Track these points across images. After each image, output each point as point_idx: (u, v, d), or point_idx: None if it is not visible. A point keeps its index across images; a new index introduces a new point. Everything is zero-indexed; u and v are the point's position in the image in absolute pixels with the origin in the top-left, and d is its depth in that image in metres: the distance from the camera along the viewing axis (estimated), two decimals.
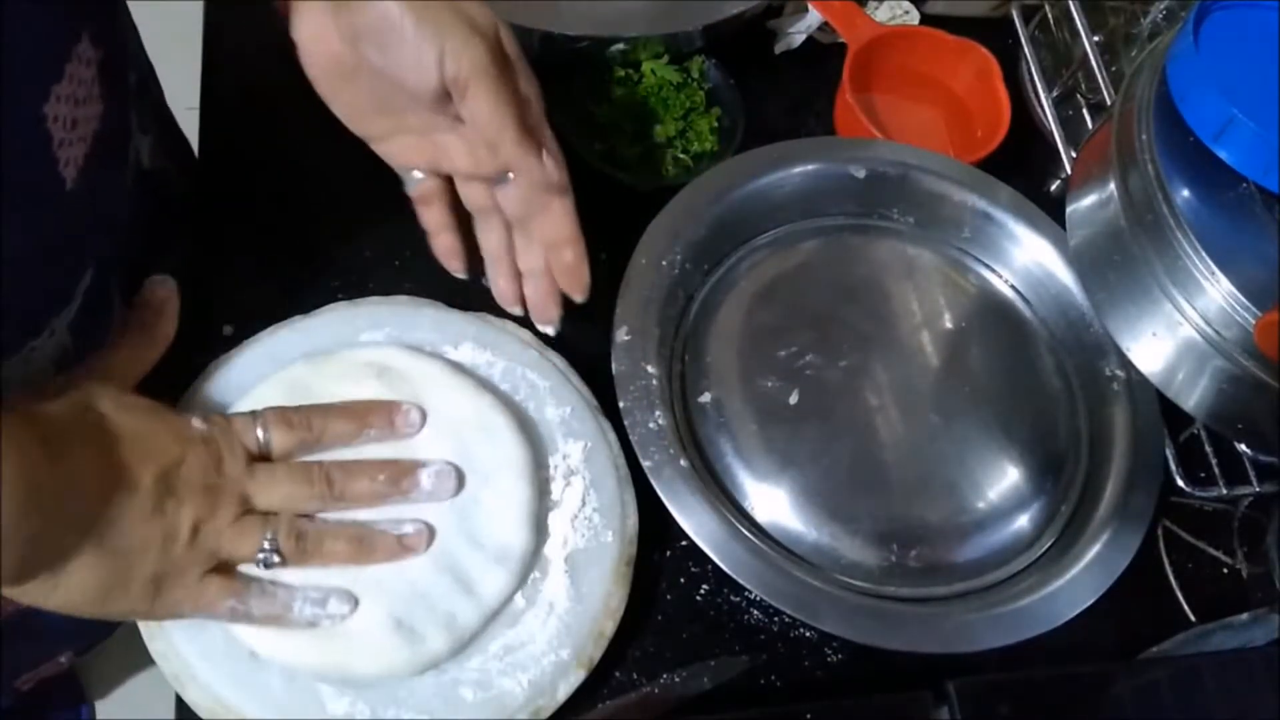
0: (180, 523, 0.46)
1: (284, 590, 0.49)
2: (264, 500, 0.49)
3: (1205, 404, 0.60)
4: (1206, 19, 0.59)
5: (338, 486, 0.50)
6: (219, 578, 0.48)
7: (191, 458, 0.47)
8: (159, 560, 0.46)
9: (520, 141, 0.52)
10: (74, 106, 0.46)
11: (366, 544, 0.51)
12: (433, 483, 0.52)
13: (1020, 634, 0.56)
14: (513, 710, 0.52)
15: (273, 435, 0.50)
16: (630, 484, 0.58)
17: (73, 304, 0.52)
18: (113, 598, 0.45)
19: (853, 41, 0.76)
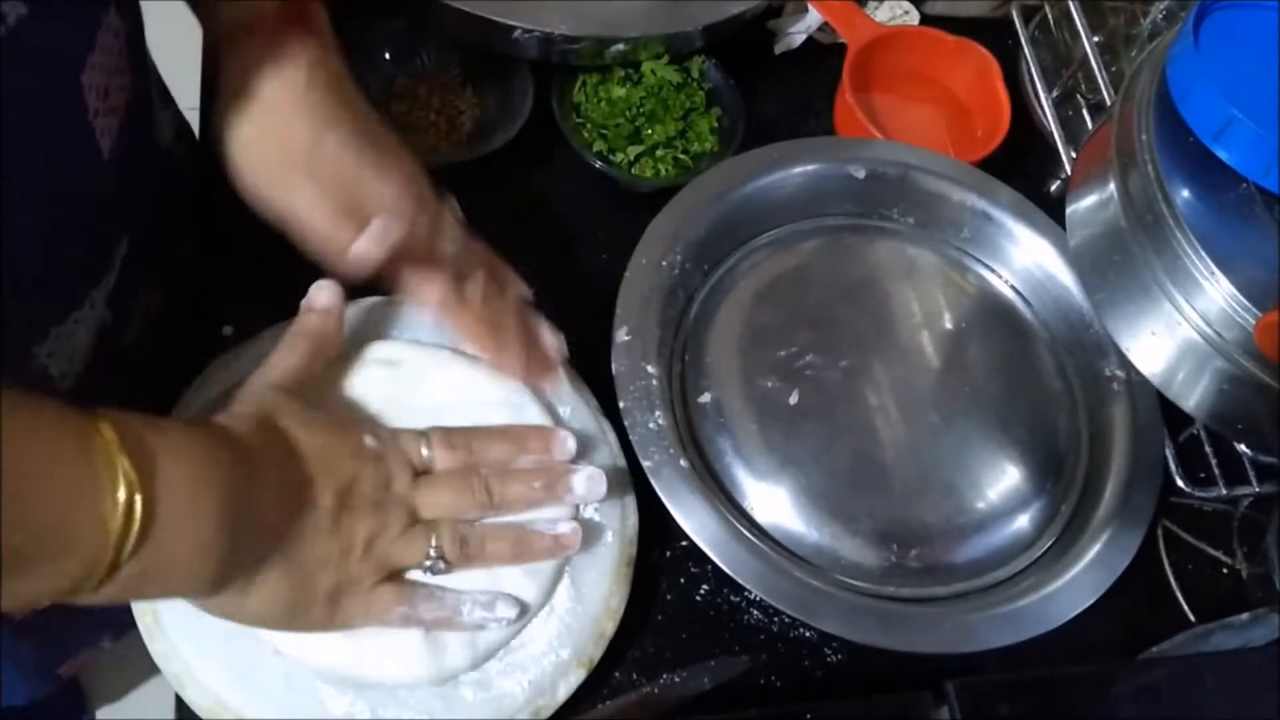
0: (356, 536, 0.47)
1: (452, 595, 0.50)
2: (429, 511, 0.50)
3: (1205, 404, 0.60)
4: (1206, 19, 0.59)
5: (497, 494, 0.51)
6: (390, 586, 0.49)
7: (365, 474, 0.48)
8: (337, 573, 0.47)
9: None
10: (106, 76, 0.47)
11: (525, 544, 0.52)
12: (585, 486, 0.53)
13: (1020, 634, 0.56)
14: (513, 710, 0.52)
15: (436, 455, 0.51)
16: (630, 484, 0.58)
17: (111, 274, 0.53)
18: (299, 610, 0.46)
19: (853, 41, 0.76)
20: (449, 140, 0.72)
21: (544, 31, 0.67)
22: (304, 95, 0.50)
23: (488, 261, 0.58)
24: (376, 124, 0.53)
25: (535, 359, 0.57)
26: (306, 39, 0.50)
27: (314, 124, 0.50)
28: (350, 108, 0.52)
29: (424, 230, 0.53)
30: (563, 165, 0.72)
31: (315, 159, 0.50)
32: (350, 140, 0.51)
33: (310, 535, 0.46)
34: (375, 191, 0.51)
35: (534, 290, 0.67)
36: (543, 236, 0.71)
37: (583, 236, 0.71)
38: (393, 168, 0.52)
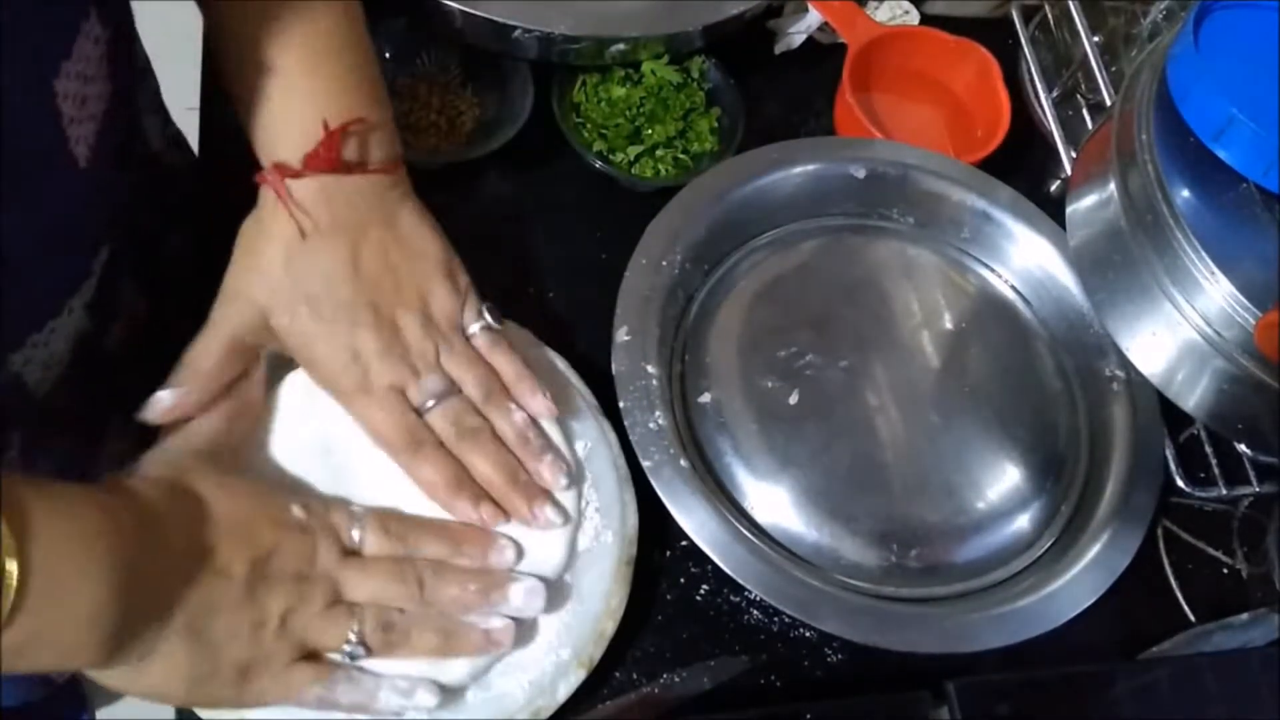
0: (270, 611, 0.46)
1: (370, 679, 0.48)
2: (354, 594, 0.48)
3: (1205, 404, 0.60)
4: (1206, 19, 0.59)
5: (428, 590, 0.49)
6: (306, 665, 0.47)
7: (286, 546, 0.47)
8: (248, 648, 0.45)
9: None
10: (83, 84, 0.46)
11: (454, 637, 0.49)
12: (522, 600, 0.51)
13: (1020, 634, 0.56)
14: (513, 710, 0.52)
15: (367, 538, 0.50)
16: (630, 484, 0.58)
17: (89, 282, 0.52)
18: (200, 685, 0.44)
19: (853, 41, 0.76)
20: (449, 140, 0.72)
21: (544, 31, 0.67)
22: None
23: (493, 371, 0.54)
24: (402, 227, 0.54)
25: (517, 489, 0.52)
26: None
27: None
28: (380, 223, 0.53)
29: (404, 341, 0.52)
30: (563, 165, 0.72)
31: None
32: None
33: (218, 606, 0.44)
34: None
35: (534, 290, 0.68)
36: (543, 236, 0.71)
37: (583, 236, 0.71)
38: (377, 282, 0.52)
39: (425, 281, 0.54)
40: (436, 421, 0.52)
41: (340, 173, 0.51)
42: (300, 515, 0.48)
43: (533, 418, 0.54)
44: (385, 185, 0.53)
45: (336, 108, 0.51)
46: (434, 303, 0.54)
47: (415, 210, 0.55)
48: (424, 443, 0.52)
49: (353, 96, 0.52)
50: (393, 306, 0.52)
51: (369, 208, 0.52)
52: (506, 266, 0.68)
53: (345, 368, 0.51)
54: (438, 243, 0.55)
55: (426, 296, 0.54)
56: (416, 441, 0.52)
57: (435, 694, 0.49)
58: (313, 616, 0.47)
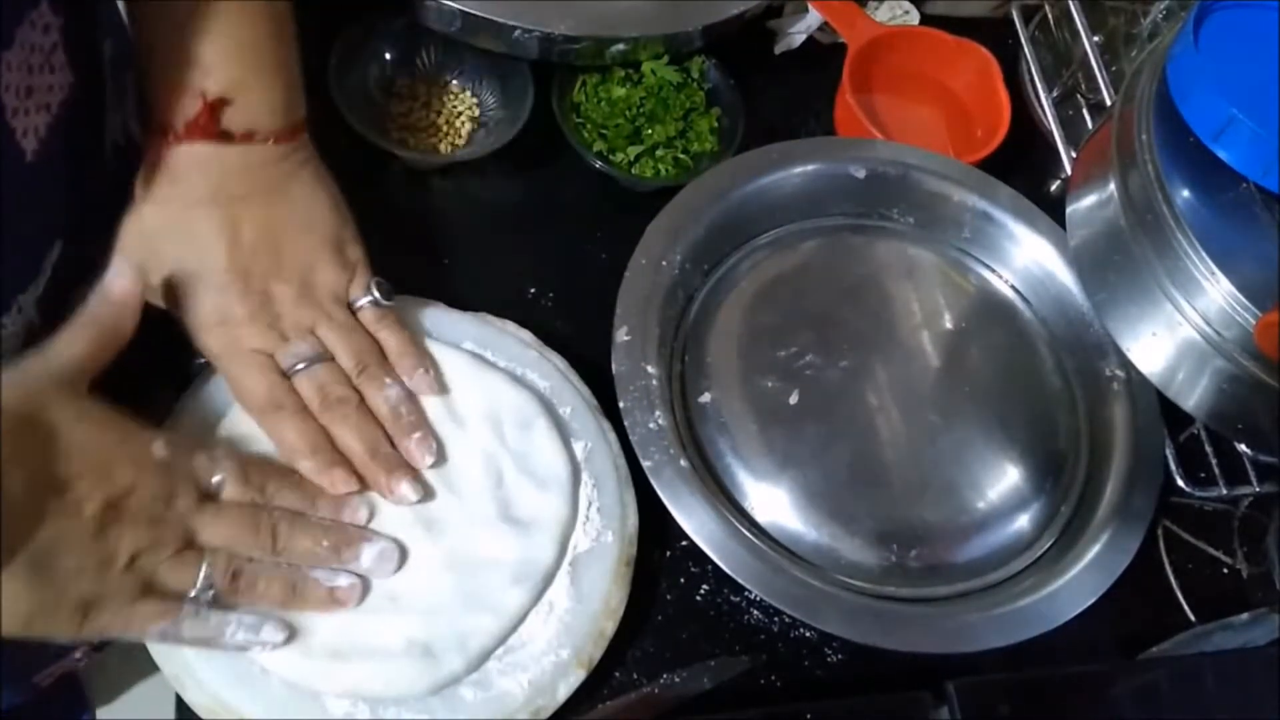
0: (119, 550, 0.45)
1: (217, 615, 0.48)
2: (207, 538, 0.48)
3: (1205, 404, 0.60)
4: (1206, 19, 0.59)
5: (281, 541, 0.49)
6: (152, 602, 0.46)
7: (143, 487, 0.46)
8: (92, 585, 0.44)
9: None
10: (28, 74, 0.45)
11: (299, 592, 0.50)
12: (373, 560, 0.51)
13: (1020, 634, 0.56)
14: (513, 710, 0.52)
15: (227, 484, 0.50)
16: (630, 484, 0.58)
17: (40, 278, 0.51)
18: (38, 619, 0.43)
19: (853, 41, 0.76)
20: (449, 140, 0.72)
21: (544, 31, 0.67)
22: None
23: (374, 344, 0.55)
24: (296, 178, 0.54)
25: (377, 461, 0.52)
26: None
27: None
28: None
29: (267, 304, 0.52)
30: (563, 165, 0.72)
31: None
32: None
33: (66, 543, 0.43)
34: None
35: (534, 290, 0.68)
36: (543, 236, 0.71)
37: (583, 236, 0.71)
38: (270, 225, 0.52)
39: (309, 254, 0.54)
40: (303, 387, 0.53)
41: (221, 142, 0.51)
42: (161, 454, 0.47)
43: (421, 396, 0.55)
44: (275, 156, 0.53)
45: (226, 77, 0.50)
46: (316, 276, 0.54)
47: (309, 181, 0.54)
48: (285, 406, 0.52)
49: (243, 61, 0.51)
50: (267, 277, 0.53)
51: (254, 178, 0.52)
52: (506, 266, 0.68)
53: (212, 330, 0.52)
54: (328, 215, 0.55)
55: (309, 270, 0.54)
56: (277, 403, 0.52)
57: (283, 629, 0.49)
58: (163, 560, 0.47)
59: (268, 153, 0.52)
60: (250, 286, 0.52)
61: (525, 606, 0.53)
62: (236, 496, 0.50)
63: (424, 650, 0.50)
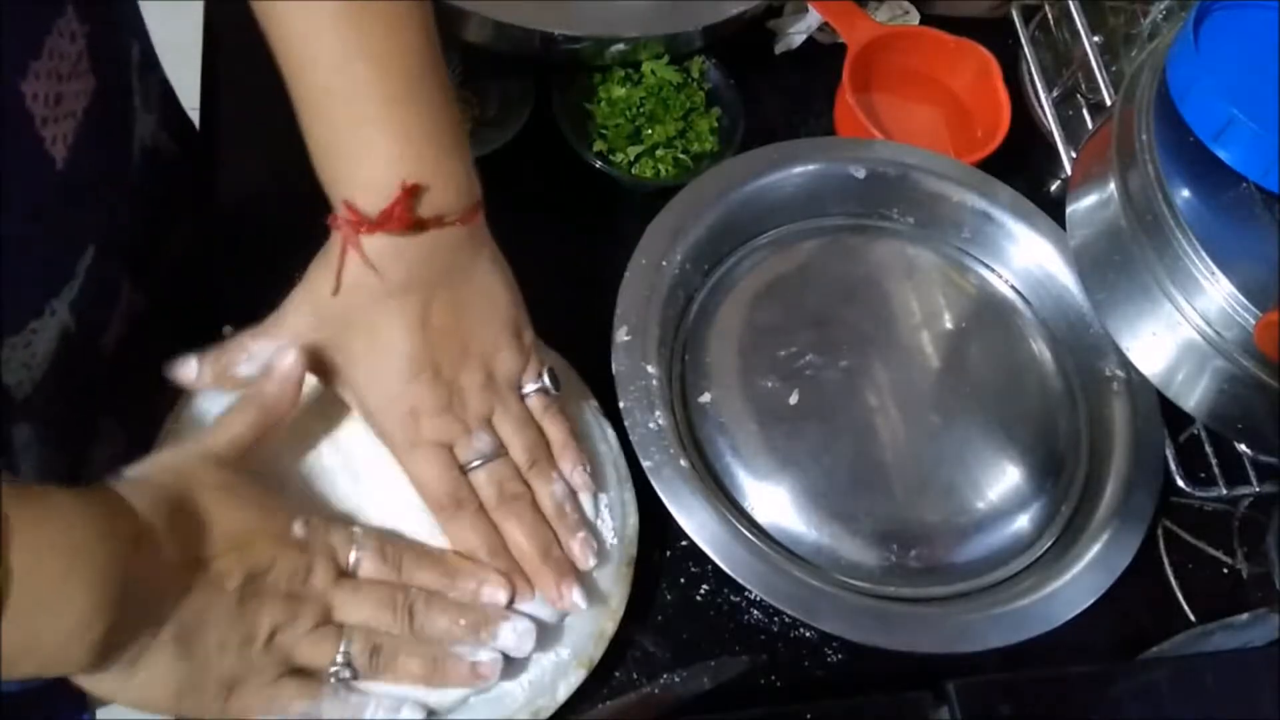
0: (260, 626, 0.45)
1: (356, 696, 0.48)
2: (344, 615, 0.48)
3: (1205, 404, 0.60)
4: (1206, 19, 0.59)
5: (418, 619, 0.49)
6: (294, 681, 0.47)
7: (282, 563, 0.46)
8: (235, 662, 0.45)
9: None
10: (57, 82, 0.45)
11: (440, 667, 0.49)
12: (514, 641, 0.50)
13: (1020, 634, 0.56)
14: (513, 710, 0.51)
15: (364, 562, 0.49)
16: (630, 484, 0.58)
17: (74, 283, 0.51)
18: (186, 696, 0.44)
19: (853, 42, 0.76)
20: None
21: (544, 31, 0.67)
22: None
23: (542, 437, 0.54)
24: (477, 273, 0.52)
25: (549, 565, 0.52)
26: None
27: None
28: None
29: (455, 394, 0.51)
30: (563, 165, 0.72)
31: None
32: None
33: (209, 619, 0.44)
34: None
35: (534, 290, 0.68)
36: (543, 236, 0.71)
37: (583, 236, 0.71)
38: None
39: (492, 341, 0.53)
40: (481, 482, 0.52)
41: (416, 231, 0.48)
42: (300, 533, 0.48)
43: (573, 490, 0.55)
44: (462, 238, 0.51)
45: (416, 157, 0.48)
46: (497, 363, 0.53)
47: (490, 263, 0.53)
48: (465, 504, 0.52)
49: (434, 140, 0.48)
50: (456, 367, 0.52)
51: (443, 264, 0.51)
52: None
53: (400, 422, 0.51)
54: (509, 299, 0.54)
55: (491, 356, 0.53)
56: (458, 501, 0.52)
57: (421, 711, 0.49)
58: (302, 635, 0.47)
59: (454, 236, 0.50)
60: (439, 377, 0.51)
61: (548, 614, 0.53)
62: (374, 574, 0.50)
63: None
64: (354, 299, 0.50)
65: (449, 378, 0.51)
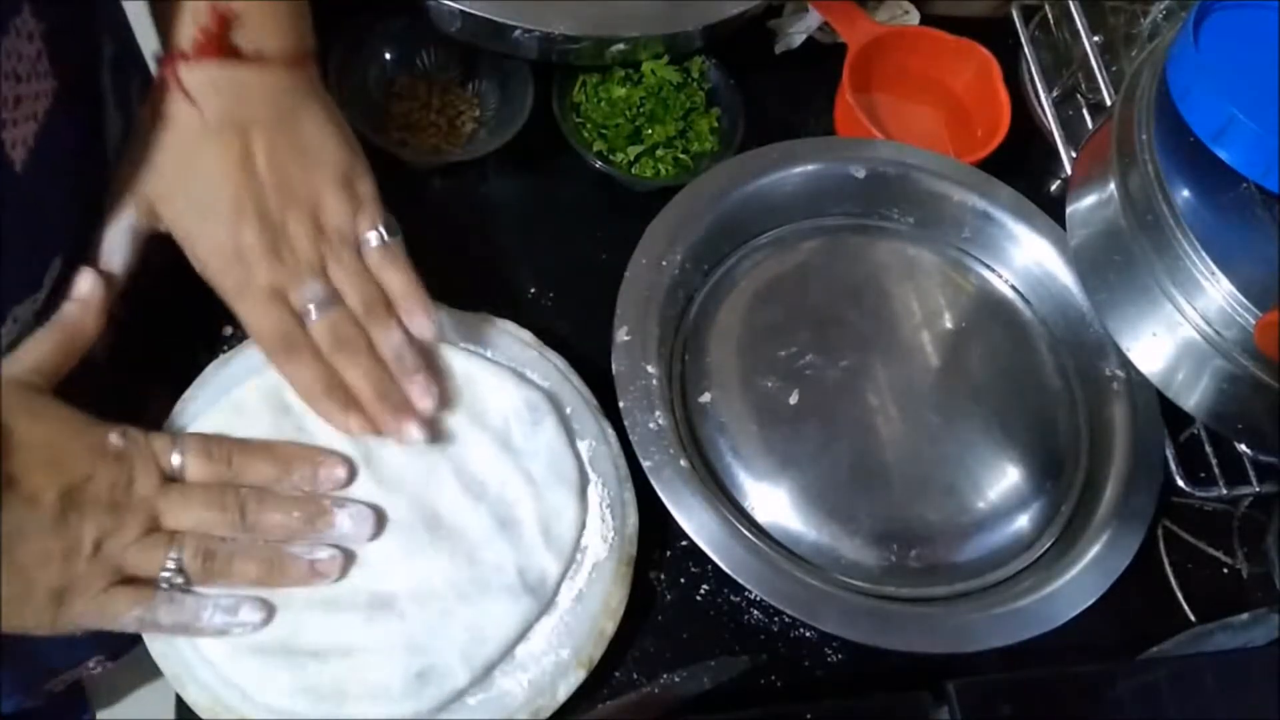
0: (83, 537, 0.46)
1: (193, 599, 0.48)
2: (173, 521, 0.48)
3: (1205, 404, 0.60)
4: (1206, 19, 0.59)
5: (250, 517, 0.49)
6: (126, 588, 0.47)
7: (101, 474, 0.46)
8: (60, 574, 0.45)
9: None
10: (15, 84, 0.44)
11: (278, 567, 0.50)
12: (351, 526, 0.51)
13: (1020, 634, 0.56)
14: (513, 710, 0.52)
15: (189, 463, 0.50)
16: (630, 484, 0.58)
17: (39, 293, 0.51)
18: (12, 610, 0.44)
19: (853, 41, 0.76)
20: (449, 140, 0.72)
21: (544, 31, 0.67)
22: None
23: (379, 289, 0.54)
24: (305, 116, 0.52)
25: (384, 404, 0.53)
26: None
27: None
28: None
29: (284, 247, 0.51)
30: (563, 165, 0.72)
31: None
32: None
33: (25, 533, 0.44)
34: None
35: (534, 290, 0.68)
36: (543, 236, 0.71)
37: (583, 236, 0.71)
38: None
39: (319, 189, 0.53)
40: (315, 328, 0.52)
41: (231, 60, 0.50)
42: (117, 442, 0.48)
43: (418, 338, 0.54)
44: (285, 81, 0.52)
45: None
46: (325, 212, 0.53)
47: (318, 112, 0.53)
48: (299, 346, 0.52)
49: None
50: (281, 210, 0.51)
51: (263, 103, 0.51)
52: (506, 266, 0.69)
53: (228, 266, 0.51)
54: (338, 148, 0.54)
55: (318, 204, 0.53)
56: (291, 344, 0.52)
57: (260, 610, 0.49)
58: (129, 544, 0.47)
59: (277, 78, 0.51)
60: (266, 220, 0.51)
61: (535, 614, 0.53)
62: (201, 476, 0.50)
63: (426, 678, 0.50)
64: (174, 138, 0.50)
65: (276, 222, 0.51)
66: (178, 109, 0.50)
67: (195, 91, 0.50)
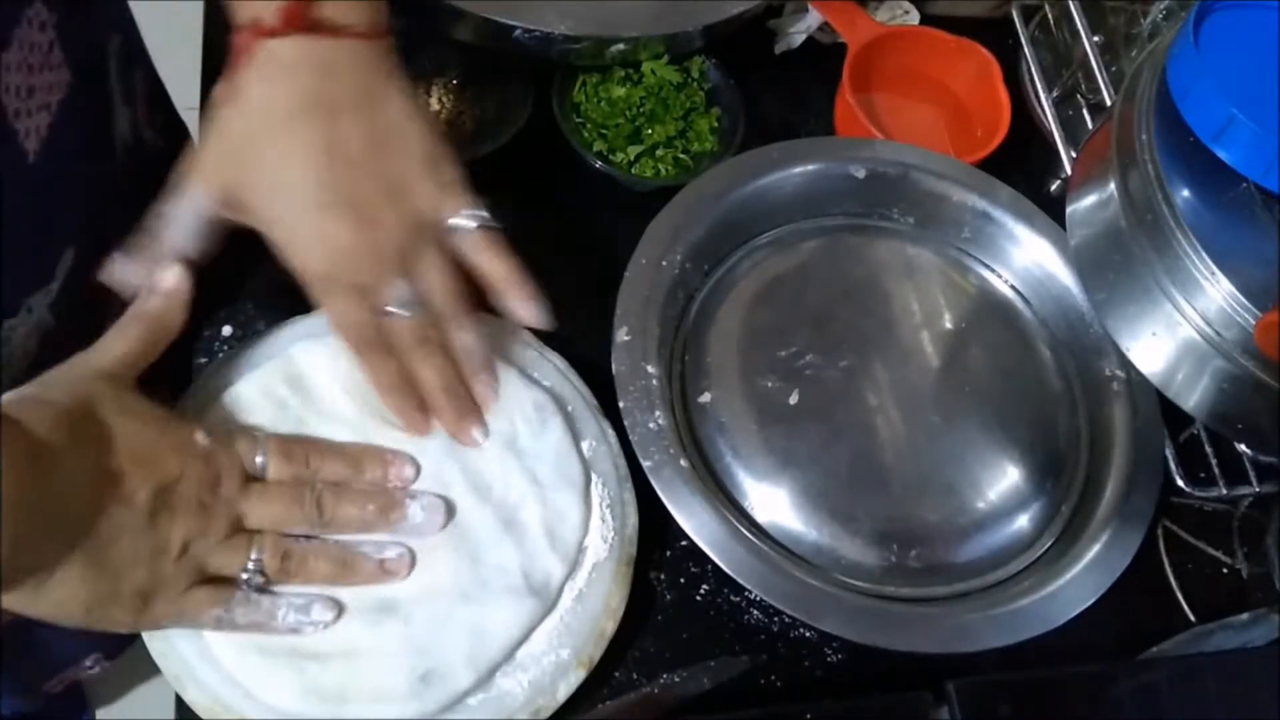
0: (172, 538, 0.46)
1: (268, 598, 0.49)
2: (255, 520, 0.49)
3: (1205, 404, 0.60)
4: (1206, 19, 0.59)
5: (328, 512, 0.50)
6: (205, 588, 0.48)
7: (190, 474, 0.46)
8: (147, 574, 0.45)
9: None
10: (28, 74, 0.44)
11: (349, 566, 0.50)
12: (423, 516, 0.52)
13: (1020, 634, 0.56)
14: (513, 710, 0.51)
15: (270, 463, 0.50)
16: (630, 484, 0.58)
17: (52, 284, 0.51)
18: (100, 609, 0.44)
19: (853, 41, 0.76)
20: (449, 140, 0.72)
21: (544, 31, 0.67)
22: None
23: (454, 284, 0.53)
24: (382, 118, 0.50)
25: (451, 403, 0.53)
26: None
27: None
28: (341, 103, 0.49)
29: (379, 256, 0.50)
30: (563, 165, 0.72)
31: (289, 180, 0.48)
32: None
33: (119, 532, 0.44)
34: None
35: (533, 290, 0.68)
36: (543, 236, 0.70)
37: (583, 236, 0.71)
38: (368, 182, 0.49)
39: (407, 175, 0.51)
40: (395, 322, 0.52)
41: (315, 34, 0.47)
42: (204, 442, 0.48)
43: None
44: (368, 56, 0.49)
45: None
46: (413, 198, 0.51)
47: (401, 92, 0.51)
48: (378, 343, 0.51)
49: None
50: (370, 197, 0.49)
51: (350, 83, 0.49)
52: None
53: (315, 257, 0.49)
54: (424, 132, 0.51)
55: (406, 190, 0.50)
56: (371, 340, 0.51)
57: (331, 609, 0.49)
58: (213, 544, 0.47)
59: (362, 54, 0.49)
60: (354, 208, 0.49)
61: (539, 616, 0.53)
62: (281, 475, 0.50)
63: (429, 680, 0.50)
64: (256, 123, 0.48)
65: (365, 211, 0.49)
66: (259, 88, 0.47)
67: (276, 70, 0.47)
